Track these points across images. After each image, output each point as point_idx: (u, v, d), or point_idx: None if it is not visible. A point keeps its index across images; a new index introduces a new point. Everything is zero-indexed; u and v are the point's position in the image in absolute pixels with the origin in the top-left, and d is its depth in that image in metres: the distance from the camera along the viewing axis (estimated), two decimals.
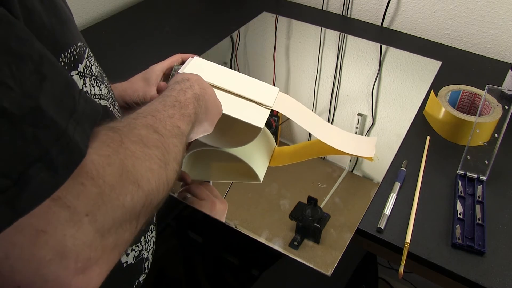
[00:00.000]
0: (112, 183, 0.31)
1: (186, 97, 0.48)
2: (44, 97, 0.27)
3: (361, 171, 0.79)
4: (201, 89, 0.52)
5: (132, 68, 1.00)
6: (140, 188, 0.33)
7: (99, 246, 0.29)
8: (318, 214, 0.67)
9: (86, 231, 0.28)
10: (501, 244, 0.64)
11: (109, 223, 0.30)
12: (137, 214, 0.33)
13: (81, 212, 0.28)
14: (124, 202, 0.31)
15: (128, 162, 0.33)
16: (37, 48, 0.28)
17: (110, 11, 1.22)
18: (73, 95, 0.30)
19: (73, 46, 0.39)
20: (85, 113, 0.30)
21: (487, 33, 1.08)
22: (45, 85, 0.27)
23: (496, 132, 0.72)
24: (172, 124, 0.42)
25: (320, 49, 1.11)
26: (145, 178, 0.34)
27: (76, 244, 0.28)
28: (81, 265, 0.28)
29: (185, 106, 0.46)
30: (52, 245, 0.26)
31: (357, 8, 1.24)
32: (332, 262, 0.60)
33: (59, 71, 0.30)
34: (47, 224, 0.26)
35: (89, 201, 0.29)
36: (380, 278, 1.39)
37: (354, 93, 0.97)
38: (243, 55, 1.10)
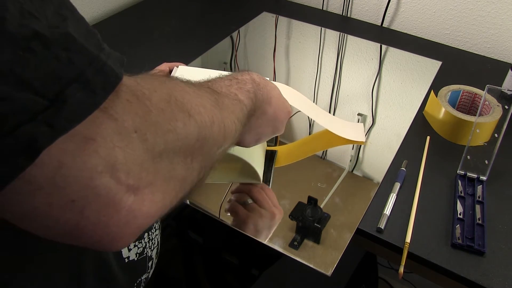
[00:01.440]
0: (160, 106, 0.29)
1: (243, 77, 0.46)
2: (71, 29, 0.26)
3: (361, 171, 0.79)
4: (262, 79, 0.50)
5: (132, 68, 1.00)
6: (191, 118, 0.31)
7: (151, 168, 0.28)
8: (318, 214, 0.67)
9: (136, 147, 0.27)
10: (501, 244, 0.64)
11: (160, 146, 0.29)
12: (191, 148, 0.32)
13: (129, 127, 0.27)
14: (176, 127, 0.30)
15: (177, 93, 0.32)
16: None
17: (110, 11, 1.22)
18: (97, 38, 0.29)
19: None
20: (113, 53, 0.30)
21: (487, 33, 1.08)
22: (68, 22, 0.27)
23: (496, 132, 0.72)
24: (229, 90, 0.41)
25: (320, 49, 1.11)
26: (197, 110, 0.32)
27: (127, 159, 0.27)
28: (132, 182, 0.27)
29: (243, 82, 0.45)
30: (103, 155, 0.26)
31: (357, 8, 1.24)
32: (332, 262, 0.60)
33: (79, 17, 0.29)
34: (96, 133, 0.26)
35: (136, 117, 0.28)
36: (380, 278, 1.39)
37: (354, 93, 0.97)
38: (243, 55, 1.10)
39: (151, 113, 0.29)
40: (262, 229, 0.65)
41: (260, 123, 0.50)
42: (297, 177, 0.74)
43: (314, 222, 0.66)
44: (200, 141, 0.32)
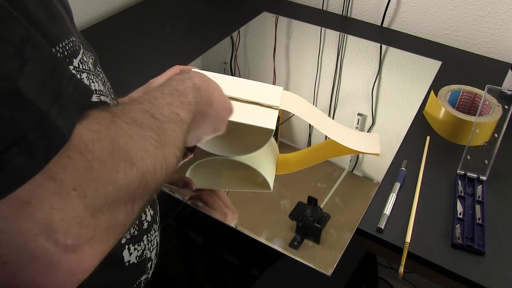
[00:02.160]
0: (102, 158, 0.29)
1: (185, 86, 0.46)
2: (24, 80, 0.25)
3: (361, 171, 0.79)
4: (203, 81, 0.50)
5: (132, 68, 1.00)
6: (133, 166, 0.31)
7: (90, 224, 0.28)
8: (318, 214, 0.67)
9: (75, 206, 0.27)
10: (501, 244, 0.64)
11: (100, 201, 0.28)
12: (132, 195, 0.31)
13: (69, 185, 0.27)
14: (117, 179, 0.30)
15: (120, 140, 0.31)
16: (19, 32, 0.27)
17: (110, 11, 1.22)
18: (60, 80, 0.28)
19: (65, 40, 0.38)
20: (73, 99, 0.29)
21: (487, 33, 1.08)
22: (27, 69, 0.26)
23: (496, 132, 0.72)
24: (171, 110, 0.40)
25: (320, 49, 1.11)
26: (139, 156, 0.32)
27: (65, 219, 0.26)
28: (71, 242, 0.27)
29: (184, 94, 0.45)
30: (38, 218, 0.25)
31: (357, 8, 1.24)
32: (332, 262, 0.60)
33: (45, 56, 0.28)
34: (32, 196, 0.25)
35: (77, 174, 0.27)
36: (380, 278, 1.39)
37: (354, 93, 0.97)
38: (243, 55, 1.10)
39: (92, 169, 0.28)
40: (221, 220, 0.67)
41: (200, 125, 0.50)
42: (297, 177, 0.74)
43: (314, 222, 0.66)
44: (142, 187, 0.32)
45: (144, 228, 0.52)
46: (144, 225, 0.52)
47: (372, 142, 0.74)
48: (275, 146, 0.74)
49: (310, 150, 0.81)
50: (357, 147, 0.71)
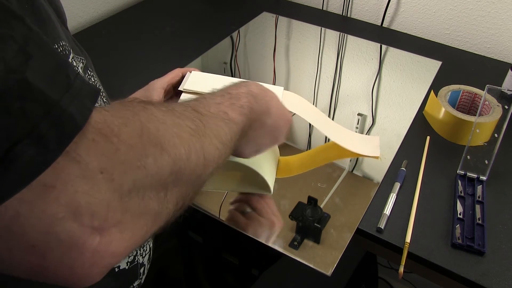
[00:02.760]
0: (130, 142, 0.28)
1: (238, 91, 0.45)
2: (31, 72, 0.25)
3: (361, 171, 0.79)
4: (260, 90, 0.49)
5: (132, 68, 1.00)
6: (164, 151, 0.30)
7: (118, 207, 0.27)
8: (318, 214, 0.67)
9: (101, 189, 0.26)
10: (501, 244, 0.64)
11: (128, 185, 0.28)
12: (165, 182, 0.31)
13: (94, 168, 0.26)
14: (146, 164, 0.29)
15: (151, 125, 0.30)
16: (20, 29, 0.26)
17: (110, 11, 1.22)
18: (67, 74, 0.28)
19: (54, 45, 0.37)
20: (84, 89, 0.28)
21: (487, 33, 1.08)
22: (32, 63, 0.25)
23: (496, 132, 0.72)
24: (218, 109, 0.39)
25: (320, 49, 1.11)
26: (171, 142, 0.31)
27: (91, 202, 0.26)
28: (97, 224, 0.26)
29: (236, 97, 0.43)
30: (63, 201, 0.25)
31: (357, 8, 1.24)
32: (332, 262, 0.60)
33: (49, 53, 0.28)
34: (55, 179, 0.25)
35: (102, 157, 0.27)
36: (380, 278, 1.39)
37: (354, 93, 0.97)
38: (243, 55, 1.10)
39: (119, 152, 0.28)
40: (262, 237, 0.64)
41: (258, 134, 0.49)
42: (297, 177, 0.74)
43: (314, 222, 0.66)
44: (174, 174, 0.31)
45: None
46: None
47: (372, 144, 0.74)
48: (275, 147, 0.73)
49: (311, 153, 0.81)
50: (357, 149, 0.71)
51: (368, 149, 0.72)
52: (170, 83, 0.65)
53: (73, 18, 1.13)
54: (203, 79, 0.65)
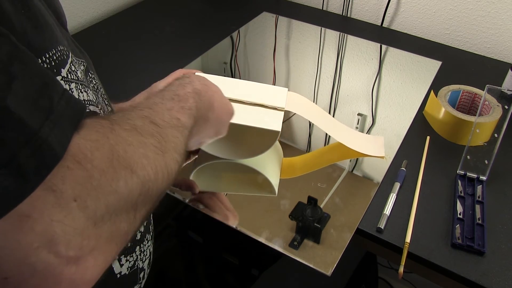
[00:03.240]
0: (102, 167, 0.28)
1: (185, 91, 0.46)
2: (13, 97, 0.25)
3: (361, 171, 0.79)
4: (203, 85, 0.50)
5: (132, 68, 1.00)
6: (134, 174, 0.31)
7: (92, 234, 0.27)
8: (318, 214, 0.67)
9: (75, 217, 0.26)
10: (501, 244, 0.64)
11: (101, 210, 0.28)
12: (134, 203, 0.31)
13: (69, 196, 0.26)
14: (117, 187, 0.29)
15: (119, 148, 0.31)
16: (4, 48, 0.26)
17: (110, 11, 1.22)
18: (51, 96, 0.27)
19: (51, 50, 0.37)
20: (66, 114, 0.28)
21: (487, 33, 1.08)
22: (15, 86, 0.25)
23: (496, 132, 0.72)
24: (171, 116, 0.40)
25: (320, 49, 1.11)
26: (140, 164, 0.32)
27: (66, 231, 0.26)
28: (73, 253, 0.26)
29: (185, 99, 0.44)
30: (38, 231, 0.25)
31: (357, 8, 1.24)
32: (332, 262, 0.60)
33: (34, 72, 0.27)
34: (31, 209, 0.25)
35: (76, 185, 0.27)
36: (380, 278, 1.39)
37: (354, 93, 0.97)
38: (243, 55, 1.10)
39: (92, 178, 0.28)
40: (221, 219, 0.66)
41: (202, 129, 0.50)
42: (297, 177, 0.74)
43: (314, 222, 0.66)
44: (143, 194, 0.32)
45: (137, 239, 0.52)
46: (137, 235, 0.52)
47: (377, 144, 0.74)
48: (279, 149, 0.73)
49: (315, 154, 0.80)
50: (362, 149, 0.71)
51: (373, 149, 0.72)
52: None
53: (73, 18, 1.13)
54: None
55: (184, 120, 0.42)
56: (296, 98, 0.67)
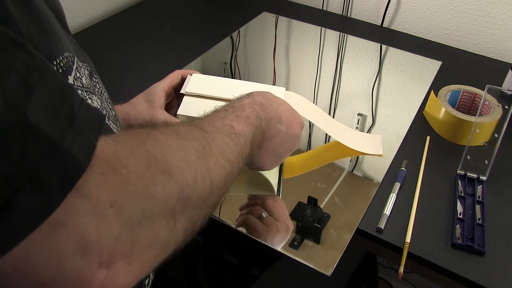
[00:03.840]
0: (138, 172, 0.28)
1: (241, 103, 0.44)
2: (33, 108, 0.24)
3: (361, 171, 0.79)
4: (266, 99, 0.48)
5: (132, 68, 1.00)
6: (172, 179, 0.30)
7: (128, 241, 0.27)
8: (318, 214, 0.67)
9: (111, 223, 0.26)
10: (501, 244, 0.64)
11: (137, 215, 0.28)
12: (173, 210, 0.30)
13: (105, 202, 0.26)
14: (155, 192, 0.28)
15: (157, 152, 0.30)
16: (21, 58, 0.25)
17: (110, 11, 1.22)
18: (71, 104, 0.27)
19: (58, 57, 0.36)
20: (87, 121, 0.27)
21: (487, 33, 1.08)
22: (34, 96, 0.25)
23: (496, 132, 0.72)
24: (223, 123, 0.39)
25: (320, 49, 1.11)
26: (179, 168, 0.31)
27: (100, 237, 0.26)
28: (105, 259, 0.26)
29: (240, 109, 0.43)
30: (73, 239, 0.25)
31: (357, 8, 1.24)
32: (332, 262, 0.60)
33: (52, 81, 0.27)
34: (66, 216, 0.25)
35: (112, 190, 0.26)
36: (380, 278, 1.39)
37: (354, 93, 0.97)
38: (243, 55, 1.10)
39: (128, 183, 0.27)
40: (278, 242, 0.63)
41: (276, 143, 0.48)
42: (297, 177, 0.74)
43: (314, 222, 0.66)
44: (182, 201, 0.31)
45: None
46: None
47: (375, 143, 0.74)
48: None
49: (313, 153, 0.81)
50: (360, 148, 0.71)
51: (371, 147, 0.72)
52: (171, 86, 0.65)
53: (73, 18, 1.13)
54: (204, 82, 0.65)
55: (239, 128, 0.40)
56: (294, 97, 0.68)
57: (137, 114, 0.61)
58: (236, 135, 0.39)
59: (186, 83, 0.65)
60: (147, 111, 0.61)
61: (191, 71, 0.67)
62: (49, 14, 0.37)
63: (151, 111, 0.61)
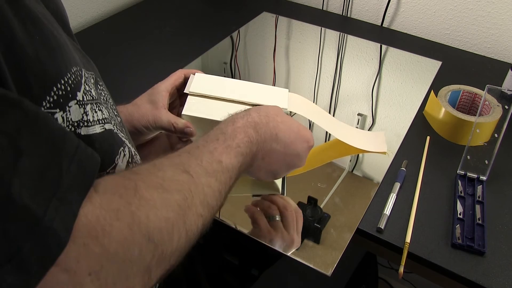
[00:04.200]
0: (119, 238, 0.28)
1: (234, 126, 0.44)
2: (17, 181, 0.24)
3: (361, 171, 0.79)
4: (264, 116, 0.48)
5: (133, 68, 1.00)
6: (150, 240, 0.30)
7: None
8: (318, 214, 0.67)
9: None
10: (501, 244, 0.64)
11: (114, 278, 0.28)
12: (148, 267, 0.31)
13: (83, 273, 0.26)
14: (132, 256, 0.29)
15: (141, 213, 0.30)
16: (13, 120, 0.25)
17: (110, 11, 1.22)
18: (60, 163, 0.27)
19: (67, 74, 0.36)
20: (75, 184, 0.27)
21: (487, 33, 1.08)
22: (21, 162, 0.24)
23: (496, 132, 0.72)
24: (211, 159, 0.39)
25: (320, 49, 1.11)
26: (158, 228, 0.31)
27: None
28: None
29: (232, 136, 0.42)
30: None
31: (357, 8, 1.24)
32: (332, 262, 0.60)
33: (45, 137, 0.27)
34: None
35: (91, 262, 0.27)
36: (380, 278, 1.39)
37: (354, 93, 0.97)
38: (243, 55, 1.10)
39: (108, 252, 0.28)
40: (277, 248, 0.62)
41: (268, 162, 0.48)
42: (297, 177, 0.74)
43: (314, 222, 0.66)
44: (157, 257, 0.31)
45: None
46: None
47: (378, 140, 0.74)
48: None
49: (316, 151, 0.81)
50: (364, 146, 0.71)
51: (375, 145, 0.72)
52: (174, 86, 0.64)
53: (73, 18, 1.13)
54: (207, 81, 0.65)
55: (227, 162, 0.40)
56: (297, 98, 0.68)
57: (140, 115, 0.60)
58: (223, 173, 0.39)
59: (189, 82, 0.64)
60: (150, 112, 0.60)
61: (194, 71, 0.67)
62: (54, 24, 0.37)
63: (155, 112, 0.60)
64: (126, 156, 0.45)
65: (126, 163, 0.45)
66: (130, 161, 0.46)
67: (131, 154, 0.47)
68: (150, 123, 0.60)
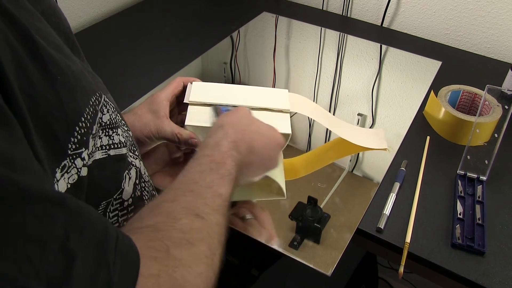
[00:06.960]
0: None
1: (221, 151, 0.45)
2: (74, 285, 0.24)
3: (361, 171, 0.79)
4: (239, 131, 0.49)
5: (133, 68, 1.00)
6: None
7: None
8: (318, 214, 0.67)
9: None
10: (501, 244, 0.64)
11: None
12: None
13: None
14: None
15: (178, 275, 0.31)
16: (59, 220, 0.25)
17: (110, 11, 1.22)
18: (107, 259, 0.27)
19: (85, 110, 0.36)
20: (124, 278, 0.28)
21: (487, 33, 1.08)
22: (76, 266, 0.24)
23: (496, 132, 0.72)
24: (213, 194, 0.40)
25: (320, 49, 1.11)
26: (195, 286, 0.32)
27: None
28: None
29: (222, 164, 0.43)
30: None
31: (357, 8, 1.24)
32: (332, 262, 0.60)
33: (90, 233, 0.27)
34: None
35: None
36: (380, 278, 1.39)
37: (354, 93, 0.97)
38: (243, 55, 1.10)
39: None
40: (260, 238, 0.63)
41: (247, 173, 0.49)
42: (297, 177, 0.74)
43: (314, 222, 0.66)
44: None
45: None
46: None
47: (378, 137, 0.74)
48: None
49: (316, 152, 0.80)
50: (365, 143, 0.71)
51: (375, 142, 0.72)
52: (173, 94, 0.63)
53: (73, 18, 1.13)
54: (206, 89, 0.65)
55: (225, 192, 0.41)
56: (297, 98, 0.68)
57: (142, 125, 0.60)
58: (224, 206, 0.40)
59: (187, 92, 0.64)
60: (153, 122, 0.60)
61: (192, 79, 0.67)
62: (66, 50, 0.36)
63: (157, 122, 0.59)
64: (132, 179, 0.45)
65: (133, 185, 0.45)
66: (137, 182, 0.46)
67: (138, 174, 0.47)
68: (153, 134, 0.59)
